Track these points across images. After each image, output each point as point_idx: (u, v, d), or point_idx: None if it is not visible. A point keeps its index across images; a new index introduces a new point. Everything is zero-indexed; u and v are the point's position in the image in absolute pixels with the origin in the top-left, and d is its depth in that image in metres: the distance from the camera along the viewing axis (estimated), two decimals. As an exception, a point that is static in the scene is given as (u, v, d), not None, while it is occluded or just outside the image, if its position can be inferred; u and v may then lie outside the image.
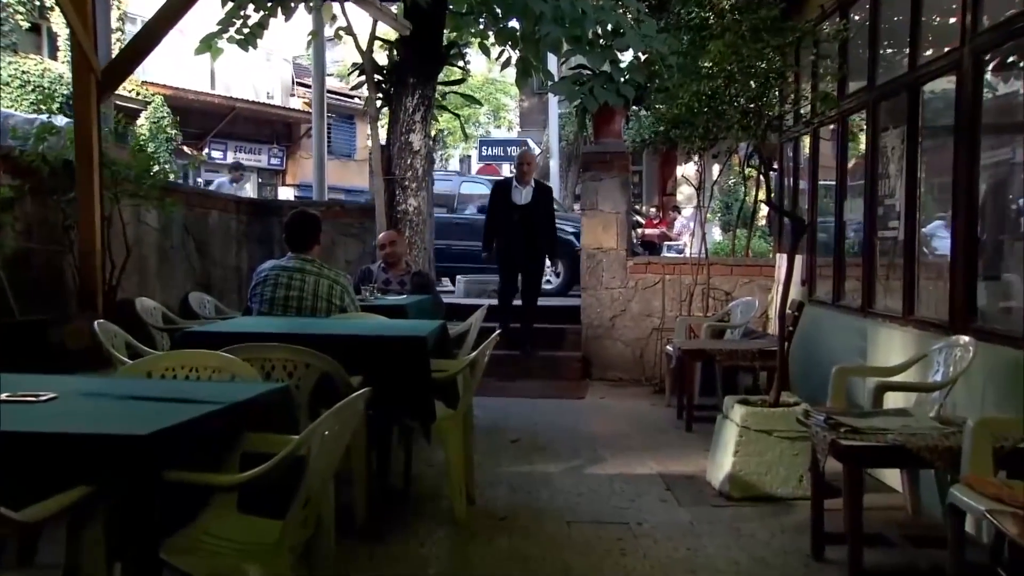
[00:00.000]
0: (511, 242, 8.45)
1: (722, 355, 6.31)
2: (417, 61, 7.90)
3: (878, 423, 3.50)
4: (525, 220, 8.39)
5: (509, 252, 8.52)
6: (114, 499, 2.07)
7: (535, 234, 8.42)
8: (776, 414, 4.74)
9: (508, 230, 8.43)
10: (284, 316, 4.81)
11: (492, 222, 8.63)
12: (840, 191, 6.61)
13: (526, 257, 8.55)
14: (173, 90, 21.09)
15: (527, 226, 8.40)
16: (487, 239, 8.67)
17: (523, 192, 8.47)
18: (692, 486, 4.97)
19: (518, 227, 8.39)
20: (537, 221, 8.40)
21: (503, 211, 8.48)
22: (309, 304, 4.86)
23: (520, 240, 8.39)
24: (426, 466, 5.17)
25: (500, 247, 8.58)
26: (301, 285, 4.88)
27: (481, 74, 27.92)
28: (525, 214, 8.41)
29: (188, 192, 8.05)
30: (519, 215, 8.40)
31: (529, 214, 8.41)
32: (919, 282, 5.23)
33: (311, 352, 3.67)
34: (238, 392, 2.76)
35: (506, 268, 8.66)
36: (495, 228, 8.60)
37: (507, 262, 8.62)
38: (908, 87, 5.29)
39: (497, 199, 8.65)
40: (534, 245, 8.50)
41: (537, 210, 8.44)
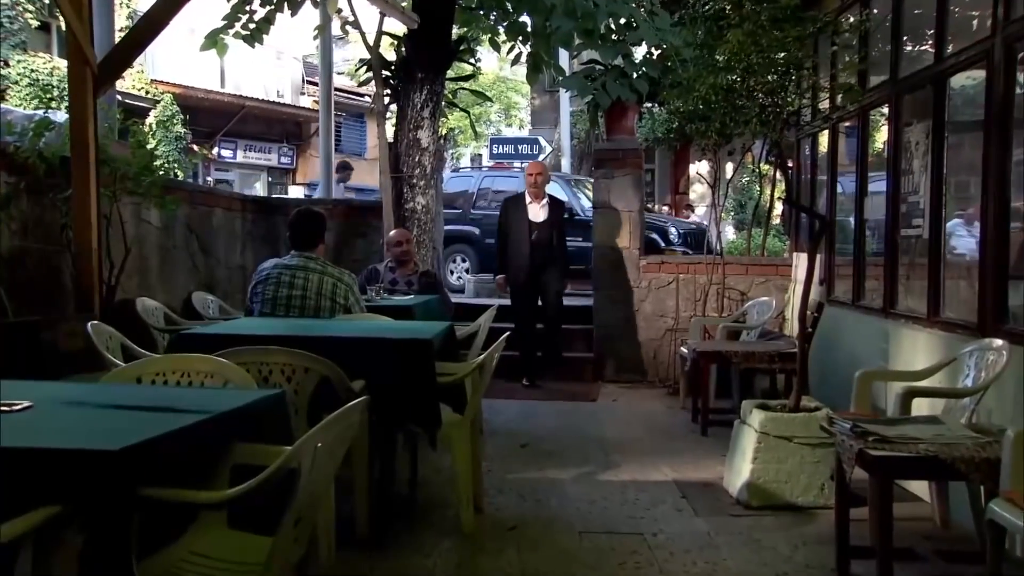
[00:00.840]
0: (528, 264, 7.83)
1: (739, 357, 6.12)
2: (425, 56, 7.74)
3: (908, 431, 3.30)
4: (541, 238, 7.83)
5: (526, 275, 7.85)
6: (85, 519, 1.91)
7: (554, 254, 7.87)
8: (796, 419, 4.55)
9: (523, 251, 7.82)
10: (286, 317, 4.66)
11: (505, 242, 7.97)
12: (860, 188, 6.41)
13: (546, 279, 7.89)
14: (182, 88, 20.98)
15: (544, 244, 7.83)
16: (502, 261, 8.02)
17: (538, 208, 7.91)
18: (709, 494, 4.78)
19: (535, 247, 7.82)
20: (554, 238, 7.87)
21: (517, 230, 7.87)
22: (312, 304, 4.71)
23: (538, 261, 7.81)
24: (433, 471, 5.00)
25: (515, 270, 7.92)
26: (304, 284, 4.73)
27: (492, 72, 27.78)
28: (542, 232, 7.85)
29: (191, 190, 7.89)
30: (536, 233, 7.83)
31: (547, 232, 7.86)
32: (945, 282, 5.03)
33: (310, 356, 3.51)
34: (229, 400, 2.60)
35: (523, 293, 7.95)
36: (508, 249, 7.96)
37: (524, 286, 7.93)
38: (934, 80, 5.09)
39: (510, 216, 7.99)
40: (554, 266, 7.89)
41: (553, 228, 7.91)
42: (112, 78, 5.16)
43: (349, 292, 4.82)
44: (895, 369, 5.17)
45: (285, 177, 27.17)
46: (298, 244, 4.86)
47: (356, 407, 2.35)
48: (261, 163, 26.34)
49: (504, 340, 4.39)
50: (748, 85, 4.69)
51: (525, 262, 7.82)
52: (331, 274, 4.79)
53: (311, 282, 4.73)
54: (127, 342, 4.42)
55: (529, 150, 19.85)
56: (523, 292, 7.92)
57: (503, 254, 7.97)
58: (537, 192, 7.89)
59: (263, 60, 26.26)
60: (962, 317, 4.73)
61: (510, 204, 8.16)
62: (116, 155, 5.66)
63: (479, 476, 4.45)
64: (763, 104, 4.73)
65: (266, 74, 26.68)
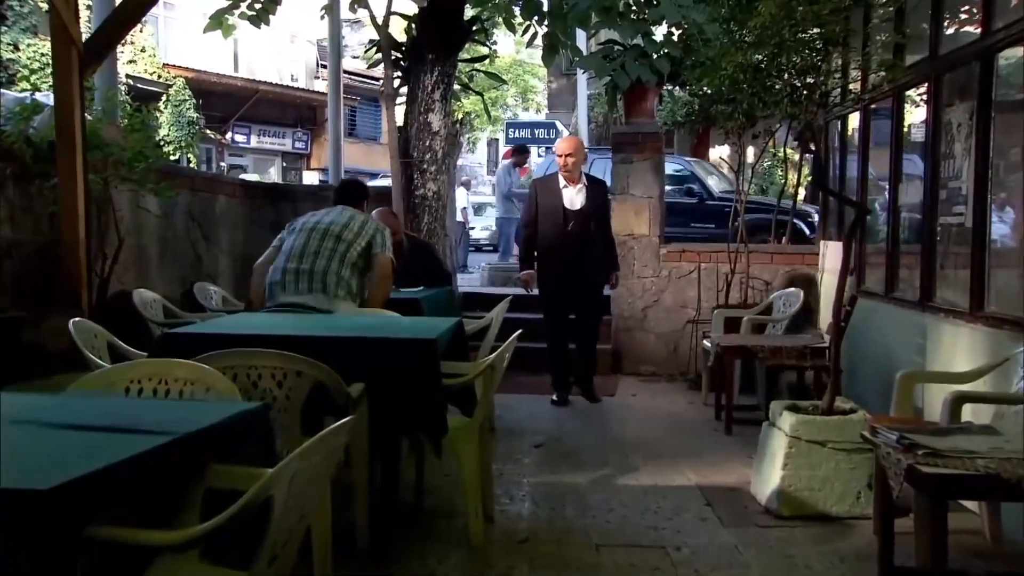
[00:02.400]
0: (562, 261, 6.51)
1: (765, 353, 5.79)
2: (436, 36, 7.42)
3: (962, 443, 2.98)
4: (580, 230, 6.50)
5: (560, 275, 6.54)
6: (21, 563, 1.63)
7: (592, 249, 6.55)
8: (830, 423, 4.23)
9: (556, 244, 6.52)
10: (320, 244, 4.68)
11: (533, 233, 6.63)
12: (894, 172, 6.05)
13: (583, 280, 6.57)
14: (195, 73, 20.78)
15: (583, 239, 6.50)
16: (527, 255, 6.70)
17: (574, 193, 6.57)
18: (735, 501, 4.47)
19: (571, 240, 6.48)
20: (594, 229, 6.57)
21: (549, 219, 6.55)
22: (336, 232, 4.73)
23: (574, 258, 6.47)
24: (442, 475, 4.70)
25: (546, 269, 6.60)
26: (337, 219, 4.81)
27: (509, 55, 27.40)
28: (580, 222, 6.52)
29: (192, 175, 7.62)
30: (572, 224, 6.51)
31: (585, 222, 6.52)
32: (990, 273, 4.68)
33: (303, 359, 3.22)
34: (204, 415, 2.31)
35: (557, 297, 6.62)
36: (536, 241, 6.63)
37: (558, 289, 6.60)
38: (980, 56, 4.73)
39: (540, 202, 6.64)
40: (592, 263, 6.57)
41: (594, 216, 6.60)
42: (99, 58, 4.88)
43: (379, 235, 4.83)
44: (935, 368, 4.84)
45: (300, 162, 26.99)
46: (344, 202, 5.05)
47: (340, 429, 2.05)
48: (275, 148, 26.15)
49: (516, 337, 4.09)
50: (779, 63, 4.36)
51: (558, 259, 6.53)
52: (366, 219, 4.89)
53: (356, 220, 4.83)
54: (115, 340, 4.15)
55: (546, 134, 19.53)
56: (556, 296, 6.63)
57: (528, 246, 6.68)
58: (571, 175, 6.58)
59: (277, 44, 26.03)
60: (1010, 312, 4.39)
61: (540, 187, 6.86)
62: (110, 139, 5.39)
63: (489, 483, 4.16)
64: (795, 84, 4.40)
65: (280, 58, 26.47)
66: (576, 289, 6.57)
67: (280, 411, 3.26)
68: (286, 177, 26.29)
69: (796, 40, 4.14)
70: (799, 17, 4.01)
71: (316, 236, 4.74)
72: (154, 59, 19.77)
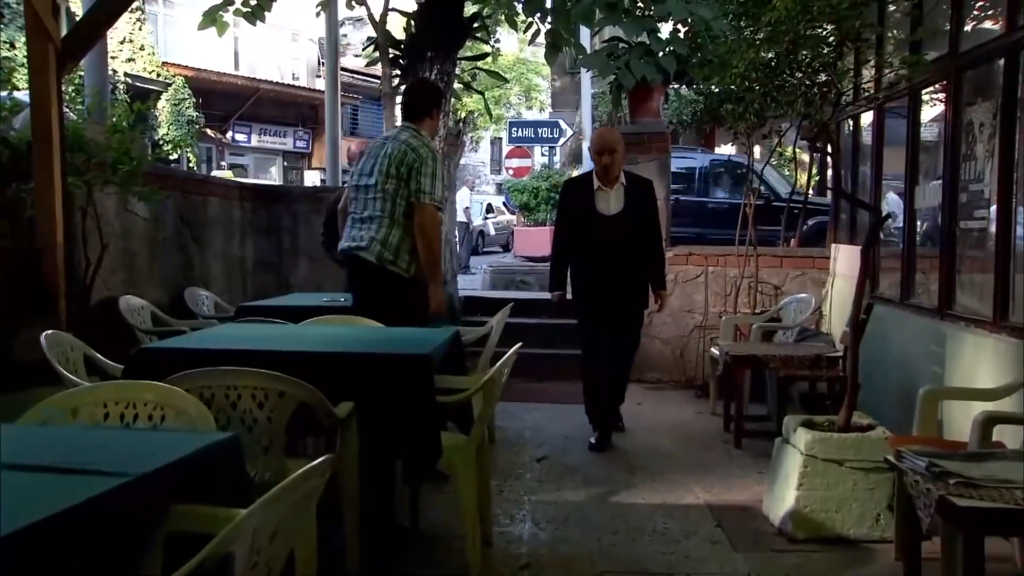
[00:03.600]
0: (592, 275, 5.61)
1: (776, 362, 5.56)
2: (436, 33, 7.19)
3: (996, 471, 2.75)
4: (617, 239, 5.51)
5: (591, 292, 5.62)
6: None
7: (631, 260, 5.58)
8: (847, 440, 4.00)
9: (591, 255, 5.58)
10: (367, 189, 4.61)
11: (565, 243, 5.74)
12: (910, 174, 5.81)
13: (617, 298, 5.59)
14: (194, 71, 20.57)
15: (619, 249, 5.52)
16: (558, 270, 5.83)
17: (611, 196, 5.56)
18: (747, 522, 4.24)
19: (603, 251, 5.52)
20: (635, 239, 5.56)
21: (583, 226, 5.60)
22: (382, 169, 4.55)
23: (607, 271, 5.54)
24: (439, 492, 4.48)
25: (579, 283, 5.73)
26: (389, 151, 4.58)
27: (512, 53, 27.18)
28: (616, 230, 5.52)
29: (183, 177, 7.41)
30: (607, 231, 5.52)
31: (622, 230, 5.52)
32: (1015, 280, 4.45)
33: (285, 378, 3.00)
34: (167, 449, 2.09)
35: (592, 315, 5.64)
36: (569, 253, 5.74)
37: (593, 306, 5.62)
38: (1004, 52, 4.50)
39: (571, 208, 5.71)
40: (630, 278, 5.61)
41: (635, 222, 5.55)
42: (79, 55, 4.66)
43: (418, 165, 4.50)
44: (955, 381, 4.61)
45: (301, 161, 26.78)
46: (404, 114, 4.84)
47: (313, 472, 1.83)
48: (276, 147, 25.95)
49: (517, 350, 3.86)
50: (792, 61, 4.13)
51: (589, 273, 5.64)
52: (410, 143, 4.55)
53: (387, 148, 4.58)
54: (92, 353, 3.93)
55: (549, 133, 19.30)
56: (588, 315, 5.66)
57: (559, 262, 5.81)
58: (608, 175, 5.56)
59: (278, 42, 25.83)
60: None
61: (571, 190, 5.96)
62: (94, 140, 5.18)
63: (488, 505, 3.94)
64: (810, 82, 4.17)
65: (281, 56, 26.28)
66: (610, 308, 5.58)
67: (261, 433, 3.05)
68: (287, 177, 26.11)
69: (812, 36, 3.91)
70: (815, 11, 3.78)
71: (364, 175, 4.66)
72: (153, 57, 19.57)
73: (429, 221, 4.57)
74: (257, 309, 5.24)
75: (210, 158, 23.18)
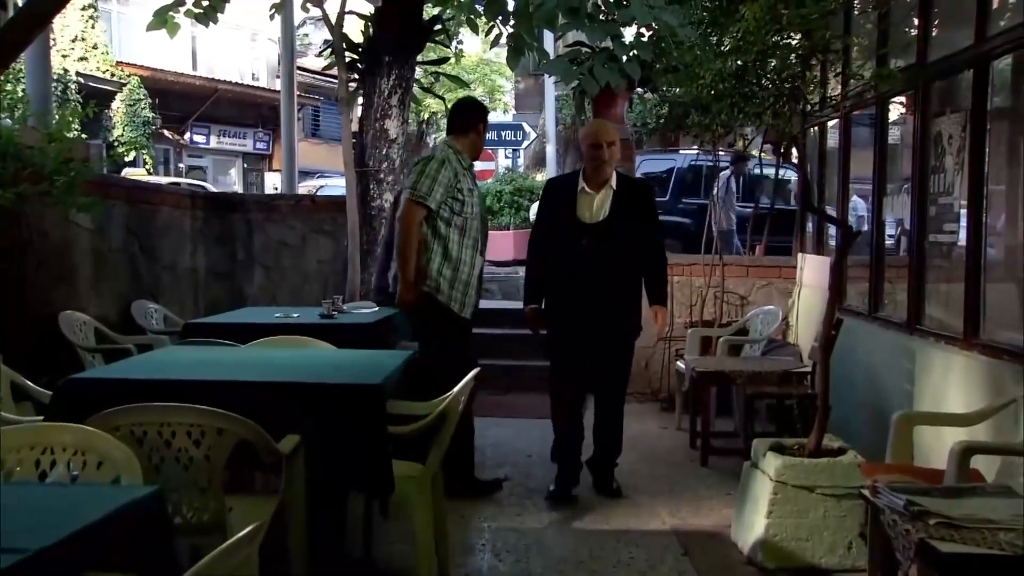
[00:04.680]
0: (571, 295, 4.71)
1: (743, 378, 5.42)
2: (393, 37, 6.97)
3: (978, 509, 2.62)
4: (599, 253, 4.64)
5: (569, 315, 4.74)
6: None
7: (617, 282, 4.72)
8: (819, 466, 3.86)
9: (568, 272, 4.71)
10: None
11: (541, 255, 4.90)
12: (878, 185, 5.72)
13: (602, 324, 4.72)
14: (150, 71, 20.12)
15: (601, 266, 4.65)
16: (532, 280, 4.96)
17: (596, 201, 4.71)
18: (715, 549, 4.10)
19: (584, 264, 4.65)
20: (624, 254, 4.70)
21: (558, 234, 4.77)
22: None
23: (588, 290, 4.66)
24: (395, 520, 4.28)
25: (553, 304, 4.85)
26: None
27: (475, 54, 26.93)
28: (599, 240, 4.66)
29: (129, 186, 7.13)
30: (588, 242, 4.66)
31: (606, 242, 4.66)
32: (986, 297, 4.35)
33: (224, 414, 2.79)
34: (81, 510, 1.87)
35: (566, 345, 4.82)
36: (545, 265, 4.87)
37: (567, 334, 4.79)
38: (973, 63, 4.39)
39: (551, 211, 4.90)
40: (617, 303, 4.73)
41: (623, 233, 4.69)
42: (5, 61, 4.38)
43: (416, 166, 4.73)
44: (928, 401, 4.51)
45: (261, 163, 26.37)
46: (447, 128, 5.04)
47: (241, 543, 1.63)
48: (236, 149, 25.51)
49: (474, 376, 3.68)
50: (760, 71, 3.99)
51: (567, 291, 4.75)
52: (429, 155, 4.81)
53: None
54: (21, 380, 3.69)
55: (512, 136, 19.13)
56: (565, 343, 4.82)
57: (533, 271, 4.97)
58: (599, 174, 4.73)
59: (237, 42, 25.41)
60: (1010, 341, 4.05)
61: (552, 190, 5.15)
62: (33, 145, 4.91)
63: (444, 538, 3.75)
64: (779, 93, 4.03)
65: (240, 56, 25.85)
66: (592, 336, 4.75)
67: (199, 473, 2.83)
68: (247, 178, 25.69)
69: (781, 46, 3.77)
70: (784, 22, 3.64)
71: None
72: (107, 56, 19.09)
73: (404, 214, 4.60)
74: (205, 327, 5.00)
75: (167, 160, 22.72)
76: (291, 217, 7.88)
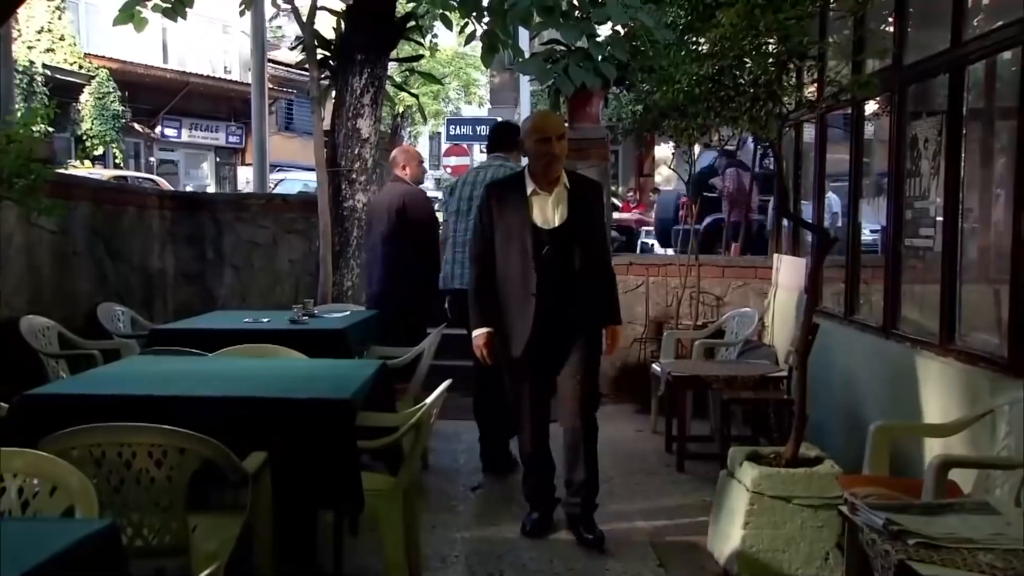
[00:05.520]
0: (530, 313, 4.11)
1: (719, 383, 5.39)
2: (366, 35, 6.86)
3: (957, 527, 2.58)
4: (559, 261, 4.11)
5: (530, 335, 4.13)
6: None
7: (583, 292, 4.17)
8: (796, 476, 3.83)
9: (522, 286, 4.13)
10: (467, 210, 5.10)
11: (485, 269, 4.25)
12: (854, 188, 5.69)
13: (567, 343, 4.18)
14: (119, 63, 19.79)
15: (564, 275, 4.12)
16: (481, 300, 4.27)
17: (551, 203, 4.16)
18: (691, 560, 4.06)
19: (544, 278, 4.10)
20: (585, 261, 4.16)
21: (512, 245, 4.16)
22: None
23: (551, 306, 4.10)
24: (367, 531, 4.19)
25: (508, 326, 4.22)
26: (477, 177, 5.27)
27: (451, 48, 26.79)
28: (562, 249, 4.13)
29: (95, 187, 6.98)
30: (550, 250, 4.11)
31: (570, 248, 4.14)
32: (962, 302, 4.33)
33: (186, 434, 2.70)
34: (28, 548, 1.78)
35: (526, 371, 4.23)
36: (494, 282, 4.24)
37: (527, 358, 4.18)
38: (950, 67, 4.36)
39: (497, 220, 4.21)
40: (584, 316, 4.20)
41: (588, 237, 4.20)
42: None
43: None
44: (904, 407, 4.48)
45: (234, 157, 26.09)
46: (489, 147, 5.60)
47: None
48: (208, 143, 25.22)
49: (447, 387, 3.60)
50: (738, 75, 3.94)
51: (525, 310, 4.13)
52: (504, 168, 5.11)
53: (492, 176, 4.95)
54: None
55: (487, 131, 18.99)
56: (524, 369, 4.23)
57: (480, 290, 4.28)
58: (550, 171, 4.16)
59: (209, 35, 25.10)
60: (987, 348, 4.04)
61: (496, 196, 4.30)
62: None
63: (416, 552, 3.68)
64: (755, 97, 3.98)
65: (212, 49, 25.54)
66: (557, 357, 4.20)
67: (160, 494, 2.74)
68: (220, 172, 25.40)
69: (758, 52, 3.71)
70: (762, 27, 3.58)
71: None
72: (75, 48, 18.76)
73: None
74: (171, 333, 4.89)
75: (138, 154, 22.42)
76: (262, 216, 7.76)
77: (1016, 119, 3.79)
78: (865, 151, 5.86)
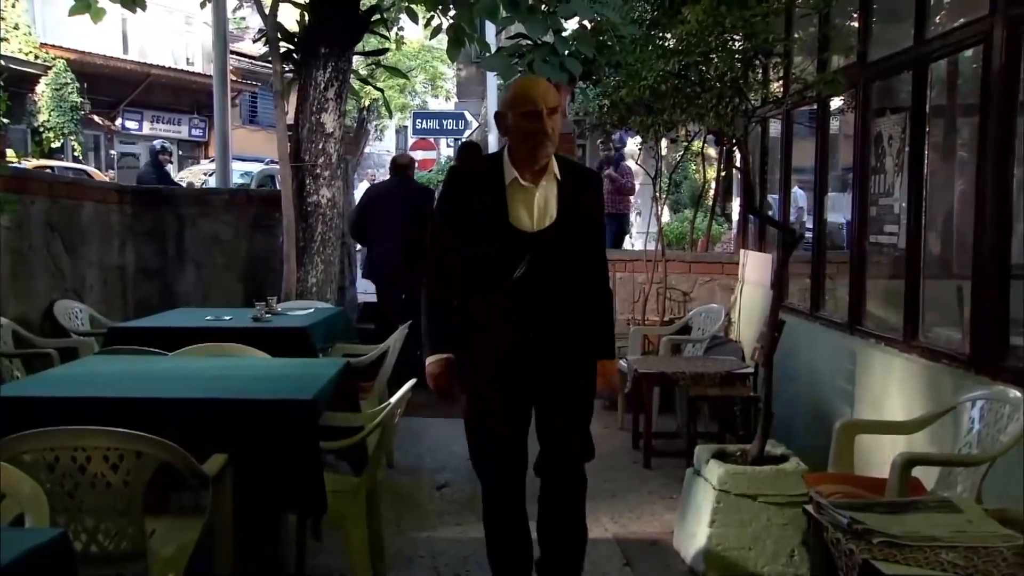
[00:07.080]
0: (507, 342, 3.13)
1: (686, 379, 5.39)
2: (330, 28, 6.76)
3: (920, 526, 2.59)
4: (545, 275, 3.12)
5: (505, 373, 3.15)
6: None
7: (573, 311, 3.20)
8: (762, 474, 3.83)
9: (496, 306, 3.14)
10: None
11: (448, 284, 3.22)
12: (819, 184, 5.71)
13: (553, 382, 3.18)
14: (78, 54, 19.39)
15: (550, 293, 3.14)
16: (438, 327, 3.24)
17: (537, 197, 3.12)
18: (657, 558, 4.05)
19: (528, 299, 3.11)
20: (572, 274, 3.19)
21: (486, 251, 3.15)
22: None
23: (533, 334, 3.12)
24: (331, 530, 4.13)
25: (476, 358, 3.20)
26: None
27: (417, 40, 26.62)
28: (547, 259, 3.13)
29: (51, 181, 6.83)
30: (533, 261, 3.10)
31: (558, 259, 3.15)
32: (925, 298, 4.37)
33: (143, 437, 2.63)
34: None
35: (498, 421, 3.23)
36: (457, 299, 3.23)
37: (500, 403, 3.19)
38: (913, 64, 4.39)
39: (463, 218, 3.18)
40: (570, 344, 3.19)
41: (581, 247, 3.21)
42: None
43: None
44: (868, 403, 4.53)
45: (197, 150, 25.74)
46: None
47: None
48: (170, 135, 24.75)
49: (411, 386, 3.56)
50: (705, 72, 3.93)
51: (500, 338, 3.15)
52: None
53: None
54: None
55: (454, 125, 18.88)
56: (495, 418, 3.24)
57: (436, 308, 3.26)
58: (538, 155, 3.11)
59: (170, 25, 24.72)
60: (950, 345, 4.07)
61: (460, 186, 3.29)
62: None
63: (381, 555, 3.63)
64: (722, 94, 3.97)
65: (174, 40, 25.17)
66: (538, 394, 3.21)
67: (116, 498, 2.67)
68: (183, 165, 25.02)
69: (724, 49, 3.70)
70: (728, 25, 3.56)
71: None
72: (30, 38, 18.36)
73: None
74: (130, 332, 4.79)
75: (97, 146, 22.03)
76: (225, 212, 7.63)
77: (978, 116, 3.83)
78: (831, 147, 5.89)
